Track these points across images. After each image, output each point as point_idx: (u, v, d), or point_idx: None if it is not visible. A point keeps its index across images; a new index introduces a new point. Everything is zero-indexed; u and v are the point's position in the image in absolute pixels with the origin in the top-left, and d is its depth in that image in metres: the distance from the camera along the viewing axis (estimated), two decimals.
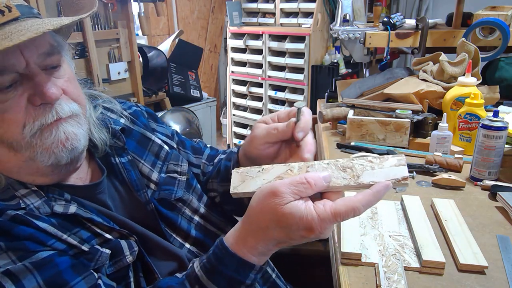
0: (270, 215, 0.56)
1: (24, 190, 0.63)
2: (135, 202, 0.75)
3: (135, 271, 0.68)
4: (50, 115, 0.60)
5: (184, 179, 0.83)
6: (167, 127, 0.91)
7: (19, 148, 0.60)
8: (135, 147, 0.80)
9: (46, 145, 0.61)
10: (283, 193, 0.56)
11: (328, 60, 2.88)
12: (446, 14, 1.74)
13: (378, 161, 0.60)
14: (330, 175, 0.59)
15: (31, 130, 0.60)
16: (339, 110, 1.47)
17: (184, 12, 3.62)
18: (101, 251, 0.63)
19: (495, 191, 0.98)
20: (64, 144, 0.62)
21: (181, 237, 0.79)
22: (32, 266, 0.56)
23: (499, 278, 0.72)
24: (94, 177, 0.74)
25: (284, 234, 0.57)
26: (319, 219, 0.54)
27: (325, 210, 0.55)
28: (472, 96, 1.18)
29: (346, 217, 0.55)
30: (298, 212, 0.55)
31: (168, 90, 2.79)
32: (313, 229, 0.55)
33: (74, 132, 0.64)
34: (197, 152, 0.95)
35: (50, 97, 0.59)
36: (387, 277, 0.70)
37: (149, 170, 0.79)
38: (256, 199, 0.59)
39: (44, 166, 0.63)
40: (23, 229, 0.58)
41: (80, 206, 0.66)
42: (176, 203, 0.80)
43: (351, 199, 0.56)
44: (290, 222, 0.55)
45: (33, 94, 0.59)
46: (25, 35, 0.54)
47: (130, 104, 0.87)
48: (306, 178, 0.57)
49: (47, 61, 0.62)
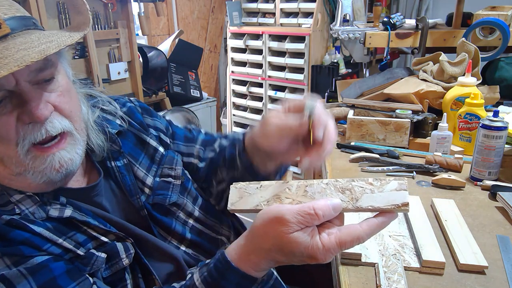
0: (274, 240, 0.56)
1: (19, 196, 0.62)
2: (130, 205, 0.75)
3: (133, 273, 0.68)
4: (39, 133, 0.58)
5: (179, 183, 0.82)
6: (161, 119, 0.90)
7: (10, 163, 0.59)
8: (131, 149, 0.79)
9: (38, 169, 0.60)
10: (289, 222, 0.55)
11: (328, 60, 2.87)
12: (446, 14, 1.74)
13: (378, 184, 0.59)
14: (340, 204, 0.57)
15: (22, 148, 0.58)
16: (339, 110, 1.47)
17: (184, 12, 3.62)
18: (96, 255, 0.63)
19: (495, 191, 0.98)
20: (58, 170, 0.61)
21: (176, 240, 0.79)
22: (27, 272, 0.56)
23: (499, 278, 0.72)
24: (91, 179, 0.74)
25: (286, 258, 0.58)
26: (324, 249, 0.54)
27: (330, 240, 0.54)
28: (472, 96, 1.18)
29: (351, 246, 0.55)
30: (303, 242, 0.55)
31: (168, 90, 2.78)
32: (317, 258, 0.55)
33: (70, 158, 0.62)
34: (189, 140, 0.92)
35: (39, 117, 0.57)
36: (387, 277, 0.70)
37: (144, 174, 0.78)
38: (261, 220, 0.58)
39: (36, 183, 0.62)
40: (19, 233, 0.58)
41: (75, 209, 0.65)
42: (171, 208, 0.79)
43: (356, 228, 0.55)
44: (294, 250, 0.55)
45: (22, 113, 0.57)
46: (7, 65, 0.51)
47: (124, 101, 0.86)
48: (315, 209, 0.55)
49: (39, 77, 0.59)
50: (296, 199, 0.61)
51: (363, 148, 1.27)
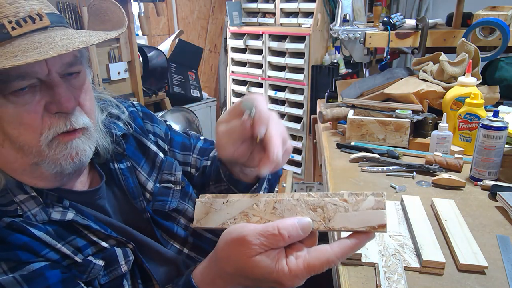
0: (236, 264, 0.53)
1: (23, 196, 0.63)
2: (132, 208, 0.75)
3: (132, 279, 0.68)
4: (64, 124, 0.60)
5: (179, 189, 0.82)
6: (161, 125, 0.90)
7: (29, 153, 0.60)
8: (132, 153, 0.80)
9: (56, 156, 0.61)
10: (251, 244, 0.51)
11: (328, 60, 2.88)
12: (446, 14, 1.74)
13: (354, 200, 0.53)
14: (310, 223, 0.52)
15: (47, 137, 0.60)
16: (339, 110, 1.47)
17: (184, 12, 3.62)
18: (93, 263, 0.63)
19: (495, 191, 0.98)
20: (73, 158, 0.63)
21: (178, 243, 0.79)
22: (22, 279, 0.56)
23: (499, 278, 0.72)
24: (93, 182, 0.74)
25: (252, 283, 0.55)
26: (291, 275, 0.50)
27: (297, 265, 0.50)
28: (472, 96, 1.18)
29: (321, 270, 0.51)
30: (267, 267, 0.51)
31: (168, 90, 2.79)
32: (283, 284, 0.51)
33: (84, 149, 0.64)
34: (186, 149, 0.92)
35: (67, 107, 0.59)
36: (387, 277, 0.70)
37: (145, 179, 0.79)
38: (223, 242, 0.55)
39: (48, 172, 0.63)
40: (18, 237, 0.58)
41: (78, 212, 0.66)
42: (171, 213, 0.79)
43: (326, 251, 0.51)
44: (257, 275, 0.52)
45: (50, 102, 0.59)
46: (53, 49, 0.54)
47: (127, 105, 0.86)
48: (279, 229, 0.51)
49: (68, 70, 0.62)
50: (264, 217, 0.57)
51: (363, 148, 1.27)
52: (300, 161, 3.13)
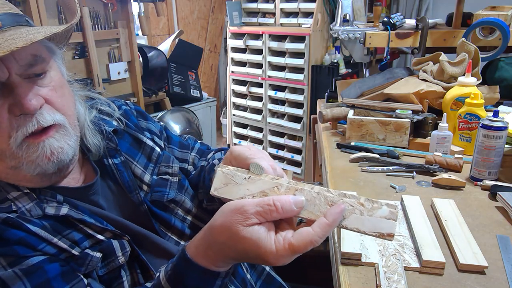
0: (230, 233, 0.54)
1: (16, 193, 0.63)
2: (128, 202, 0.75)
3: (131, 270, 0.69)
4: (31, 124, 0.60)
5: (176, 180, 0.83)
6: (155, 123, 0.91)
7: (4, 157, 0.61)
8: (127, 149, 0.80)
9: (30, 158, 0.61)
10: (247, 212, 0.53)
11: (328, 60, 2.88)
12: (446, 14, 1.74)
13: (370, 206, 0.55)
14: (303, 201, 0.55)
15: (16, 140, 0.60)
16: (339, 110, 1.47)
17: (184, 12, 3.63)
18: (91, 255, 0.63)
19: (495, 191, 0.98)
20: (49, 158, 0.62)
21: (176, 235, 0.79)
22: (22, 273, 0.57)
23: (499, 278, 0.72)
24: (87, 178, 0.74)
25: (240, 256, 0.56)
26: (277, 254, 0.52)
27: (283, 245, 0.52)
28: (472, 96, 1.18)
29: (304, 251, 0.53)
30: (257, 240, 0.53)
31: (168, 90, 2.78)
32: (268, 261, 0.53)
33: (60, 146, 0.63)
34: (184, 147, 0.94)
35: (28, 108, 0.59)
36: (387, 277, 0.70)
37: (142, 171, 0.79)
38: (220, 213, 0.56)
39: (30, 175, 0.63)
40: (14, 232, 0.59)
41: (72, 207, 0.66)
42: (169, 204, 0.80)
43: (308, 233, 0.53)
44: (247, 247, 0.53)
45: (13, 104, 0.59)
46: None
47: (120, 104, 0.87)
48: (274, 200, 0.54)
49: (30, 71, 0.61)
50: None
51: (363, 148, 1.27)
52: (300, 161, 3.14)
